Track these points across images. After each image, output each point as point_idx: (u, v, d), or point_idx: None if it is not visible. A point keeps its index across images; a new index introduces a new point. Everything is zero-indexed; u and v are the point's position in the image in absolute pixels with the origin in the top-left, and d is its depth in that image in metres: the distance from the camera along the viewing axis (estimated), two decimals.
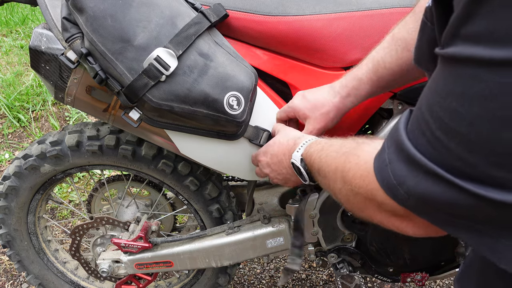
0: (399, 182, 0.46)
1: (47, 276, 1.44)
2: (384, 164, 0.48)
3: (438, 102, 0.41)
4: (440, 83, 0.41)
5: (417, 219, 0.49)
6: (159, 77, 0.81)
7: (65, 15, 0.83)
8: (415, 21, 0.74)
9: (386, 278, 1.21)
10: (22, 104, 2.55)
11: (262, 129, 0.95)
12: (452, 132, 0.40)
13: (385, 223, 0.54)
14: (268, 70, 0.97)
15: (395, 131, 0.48)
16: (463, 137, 0.39)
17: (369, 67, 0.80)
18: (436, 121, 0.41)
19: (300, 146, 0.77)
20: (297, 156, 0.76)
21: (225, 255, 1.20)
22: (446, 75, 0.41)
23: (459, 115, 0.39)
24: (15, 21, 3.51)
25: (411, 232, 0.52)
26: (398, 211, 0.50)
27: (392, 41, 0.78)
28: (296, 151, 0.77)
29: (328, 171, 0.63)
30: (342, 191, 0.59)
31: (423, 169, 0.43)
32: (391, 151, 0.48)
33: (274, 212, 1.20)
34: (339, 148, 0.63)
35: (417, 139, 0.44)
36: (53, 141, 1.15)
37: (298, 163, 0.76)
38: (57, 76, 0.97)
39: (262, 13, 0.93)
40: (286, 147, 0.82)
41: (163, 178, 1.18)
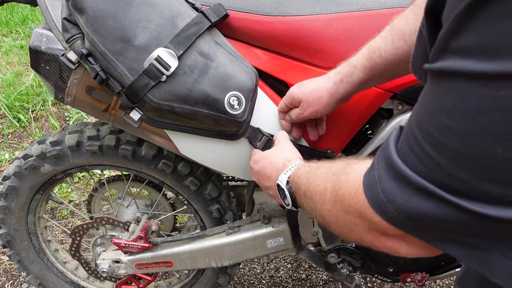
0: (388, 200, 0.45)
1: (47, 276, 1.44)
2: (374, 181, 0.48)
3: (428, 117, 0.40)
4: (429, 99, 0.41)
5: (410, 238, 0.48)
6: (159, 77, 0.81)
7: (66, 16, 0.83)
8: (414, 13, 0.73)
9: (386, 278, 1.21)
10: (22, 104, 2.55)
11: (262, 133, 0.95)
12: (442, 148, 0.39)
13: (376, 245, 0.53)
14: (268, 70, 0.97)
15: (385, 148, 0.48)
16: (454, 152, 0.38)
17: (364, 54, 0.80)
18: (426, 137, 0.41)
19: (288, 169, 0.77)
20: (284, 178, 0.76)
21: (225, 255, 1.20)
22: (435, 90, 0.40)
23: (450, 130, 0.38)
24: (15, 21, 3.51)
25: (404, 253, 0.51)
26: (389, 231, 0.48)
27: (390, 31, 0.77)
28: (284, 173, 0.77)
29: (315, 193, 0.62)
30: (331, 212, 0.58)
31: (414, 186, 0.42)
32: (381, 167, 0.47)
33: (274, 212, 1.20)
34: (329, 169, 0.62)
35: (406, 156, 0.44)
36: (53, 141, 1.15)
37: (284, 185, 0.76)
38: (57, 76, 0.97)
39: (262, 13, 0.93)
40: (276, 166, 0.82)
41: (163, 178, 1.18)
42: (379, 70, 0.79)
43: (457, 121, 0.37)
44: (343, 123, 0.97)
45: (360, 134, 1.04)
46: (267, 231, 1.17)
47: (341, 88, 0.84)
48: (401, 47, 0.75)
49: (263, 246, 1.18)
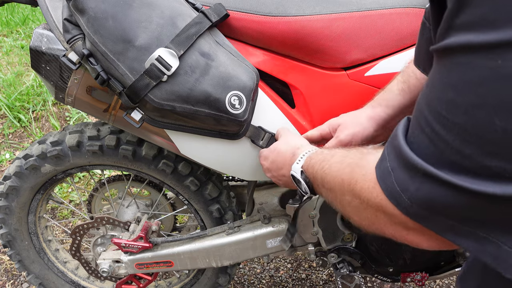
0: (402, 189, 0.46)
1: (47, 275, 1.44)
2: (387, 172, 0.48)
3: (437, 96, 0.42)
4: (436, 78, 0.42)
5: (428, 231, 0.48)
6: (160, 77, 0.81)
7: (67, 17, 0.83)
8: None
9: (386, 278, 1.22)
10: (23, 104, 2.55)
11: (264, 130, 0.95)
12: (449, 124, 0.40)
13: (398, 237, 0.53)
14: (268, 70, 0.97)
15: (394, 137, 0.49)
16: (460, 127, 0.39)
17: (399, 79, 0.82)
18: (435, 115, 0.42)
19: (300, 158, 0.76)
20: (297, 168, 0.75)
21: (225, 255, 1.20)
22: (441, 69, 0.41)
23: (456, 105, 0.39)
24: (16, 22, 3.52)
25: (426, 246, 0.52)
26: (409, 224, 0.49)
27: None
28: (296, 163, 0.76)
29: (334, 184, 0.62)
30: (352, 204, 0.58)
31: (421, 172, 0.43)
32: (392, 158, 0.48)
33: (274, 212, 1.20)
34: (342, 158, 0.62)
35: (417, 139, 0.45)
36: (53, 141, 1.15)
37: (299, 175, 0.75)
38: (57, 76, 0.97)
39: (262, 13, 0.93)
40: (286, 156, 0.82)
41: (164, 178, 1.18)
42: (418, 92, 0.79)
43: (461, 95, 0.39)
44: None
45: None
46: (267, 231, 1.17)
47: (380, 111, 0.84)
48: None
49: (263, 246, 1.18)
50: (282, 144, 0.85)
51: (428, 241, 0.51)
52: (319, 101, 0.97)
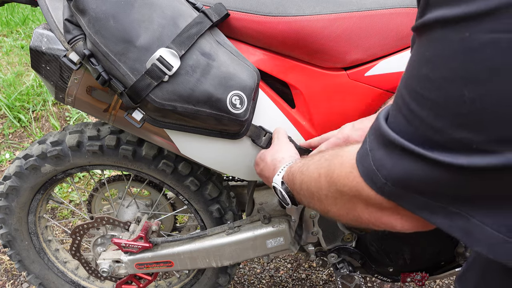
0: (377, 167, 0.48)
1: (47, 275, 1.44)
2: (365, 153, 0.50)
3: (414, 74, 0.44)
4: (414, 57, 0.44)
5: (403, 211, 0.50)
6: (162, 78, 0.81)
7: (67, 17, 0.83)
8: None
9: (386, 278, 1.22)
10: (23, 104, 2.55)
11: (264, 130, 0.95)
12: (423, 101, 0.42)
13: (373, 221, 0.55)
14: (268, 70, 0.97)
15: (376, 120, 0.51)
16: (433, 102, 0.41)
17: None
18: (411, 93, 0.44)
19: (281, 169, 0.78)
20: (278, 179, 0.78)
21: (225, 255, 1.20)
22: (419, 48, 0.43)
23: (429, 80, 0.41)
24: (16, 22, 3.52)
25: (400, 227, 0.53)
26: (384, 204, 0.51)
27: None
28: (277, 175, 0.78)
29: (310, 182, 0.64)
30: (328, 196, 0.59)
31: (398, 148, 0.45)
32: (372, 139, 0.50)
33: (274, 212, 1.20)
34: (321, 157, 0.64)
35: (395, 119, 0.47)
36: (53, 141, 1.15)
37: (279, 186, 0.77)
38: (57, 76, 0.97)
39: (262, 13, 0.93)
40: (269, 168, 0.84)
41: (164, 178, 1.18)
42: None
43: (435, 69, 0.40)
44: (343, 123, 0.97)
45: None
46: (267, 231, 1.17)
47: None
48: None
49: (263, 246, 1.18)
50: (269, 155, 0.87)
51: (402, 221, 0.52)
52: (319, 101, 0.98)
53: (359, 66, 0.96)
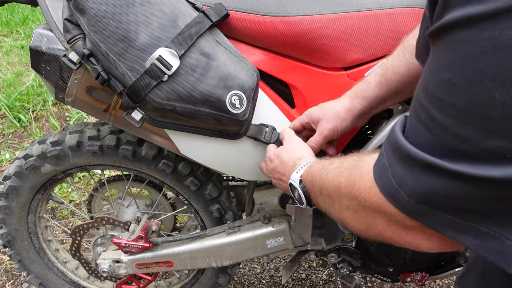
0: (399, 184, 0.45)
1: (47, 275, 1.44)
2: (384, 168, 0.48)
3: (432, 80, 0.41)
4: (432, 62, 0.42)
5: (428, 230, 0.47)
6: (161, 77, 0.81)
7: (67, 17, 0.83)
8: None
9: (386, 278, 1.22)
10: (23, 104, 2.55)
11: (264, 125, 0.95)
12: (446, 107, 0.39)
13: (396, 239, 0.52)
14: (268, 70, 0.97)
15: (391, 133, 0.48)
16: (457, 108, 0.38)
17: (378, 72, 0.82)
18: (432, 100, 0.41)
19: (300, 167, 0.77)
20: (296, 177, 0.76)
21: (225, 255, 1.20)
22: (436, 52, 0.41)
23: (452, 85, 0.38)
24: (16, 22, 3.52)
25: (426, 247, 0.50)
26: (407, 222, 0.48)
27: (402, 48, 0.79)
28: (296, 172, 0.77)
29: (331, 189, 0.61)
30: (349, 208, 0.57)
31: (419, 163, 0.42)
32: (389, 153, 0.47)
33: (274, 212, 1.20)
34: (341, 164, 0.62)
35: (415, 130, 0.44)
36: (53, 141, 1.15)
37: (297, 184, 0.75)
38: (57, 76, 0.97)
39: (262, 13, 0.93)
40: (288, 164, 0.82)
41: (164, 178, 1.18)
42: (395, 86, 0.80)
43: (458, 72, 0.37)
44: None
45: (360, 134, 1.04)
46: (267, 231, 1.17)
47: (357, 103, 0.85)
48: (414, 62, 0.76)
49: (263, 246, 1.18)
50: (286, 153, 0.85)
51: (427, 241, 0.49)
52: (319, 101, 0.97)
53: (359, 66, 0.96)
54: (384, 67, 0.81)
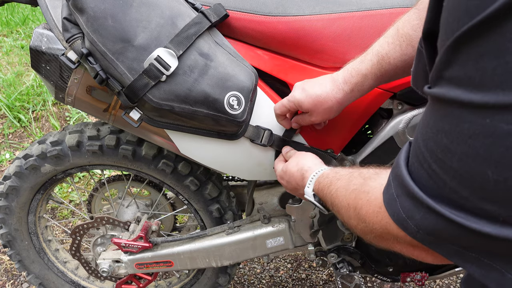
0: (407, 216, 0.47)
1: (47, 275, 1.44)
2: (393, 198, 0.49)
3: (432, 137, 0.43)
4: (431, 120, 0.43)
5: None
6: (159, 77, 0.81)
7: (66, 16, 0.83)
8: (419, 18, 0.74)
9: (386, 278, 1.22)
10: (23, 104, 2.55)
11: (263, 129, 0.95)
12: (446, 167, 0.41)
13: (405, 253, 0.55)
14: (268, 70, 0.97)
15: (396, 166, 0.50)
16: (455, 171, 0.40)
17: (374, 63, 0.79)
18: (432, 155, 0.43)
19: (309, 181, 0.78)
20: (309, 192, 0.78)
21: (225, 255, 1.20)
22: (435, 113, 0.42)
23: (450, 151, 0.40)
24: (16, 22, 3.52)
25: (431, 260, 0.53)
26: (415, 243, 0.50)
27: (397, 37, 0.77)
28: (307, 187, 0.78)
29: (341, 207, 0.64)
30: (358, 227, 0.60)
31: (425, 206, 0.44)
32: (395, 185, 0.49)
33: (274, 212, 1.20)
34: (347, 184, 0.64)
35: (417, 171, 0.46)
36: (53, 141, 1.15)
37: (312, 199, 0.77)
38: (57, 76, 0.97)
39: (262, 13, 0.93)
40: (296, 178, 0.84)
41: (163, 178, 1.18)
42: (388, 76, 0.80)
43: (454, 143, 0.40)
44: (343, 123, 0.97)
45: (360, 134, 1.04)
46: (267, 231, 1.17)
47: (351, 97, 0.84)
48: (409, 52, 0.75)
49: (263, 246, 1.18)
50: (292, 166, 0.86)
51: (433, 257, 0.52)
52: None
53: None
54: (380, 57, 0.79)
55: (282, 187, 1.17)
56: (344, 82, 0.82)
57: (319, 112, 0.86)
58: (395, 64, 0.78)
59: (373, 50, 0.80)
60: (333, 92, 0.83)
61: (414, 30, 0.74)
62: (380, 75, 0.80)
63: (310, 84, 0.86)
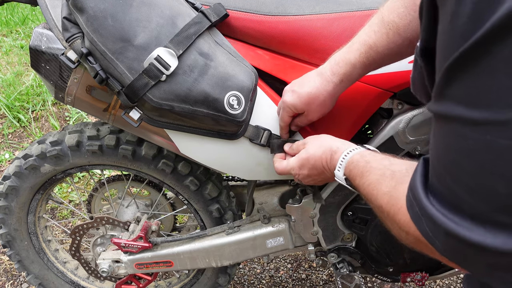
0: (434, 235, 0.47)
1: (47, 276, 1.44)
2: (418, 217, 0.49)
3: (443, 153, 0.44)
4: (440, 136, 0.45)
5: None
6: (159, 77, 0.81)
7: (66, 15, 0.83)
8: (404, 6, 0.74)
9: (386, 278, 1.21)
10: (22, 104, 2.55)
11: (262, 128, 0.95)
12: (459, 182, 0.42)
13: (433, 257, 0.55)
14: (268, 70, 0.97)
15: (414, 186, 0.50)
16: (468, 186, 0.41)
17: (362, 52, 0.79)
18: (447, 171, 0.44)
19: (340, 164, 0.75)
20: (340, 176, 0.76)
21: (225, 255, 1.20)
22: (441, 130, 0.44)
23: (460, 166, 0.42)
24: (15, 21, 3.52)
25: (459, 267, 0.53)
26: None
27: (382, 24, 0.77)
28: (337, 170, 0.76)
29: (374, 206, 0.64)
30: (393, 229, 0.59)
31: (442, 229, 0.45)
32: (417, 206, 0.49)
33: (274, 212, 1.20)
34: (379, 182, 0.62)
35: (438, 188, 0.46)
36: (53, 141, 1.15)
37: (344, 183, 0.76)
38: (57, 75, 0.97)
39: (262, 13, 0.93)
40: (324, 159, 0.80)
41: (163, 178, 1.18)
42: (375, 64, 0.80)
43: (463, 158, 0.41)
44: (343, 123, 0.97)
45: (360, 134, 1.04)
46: (267, 231, 1.17)
47: (342, 88, 0.84)
48: (396, 40, 0.76)
49: (263, 246, 1.18)
50: (316, 149, 0.83)
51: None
52: None
53: None
54: (367, 46, 0.78)
55: (282, 187, 1.17)
56: (333, 74, 0.82)
57: (314, 109, 0.86)
58: (382, 53, 0.78)
59: (360, 39, 0.80)
60: (323, 86, 0.83)
61: (400, 18, 0.74)
62: (368, 63, 0.80)
63: (298, 84, 0.86)
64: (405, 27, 0.74)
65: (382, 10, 0.78)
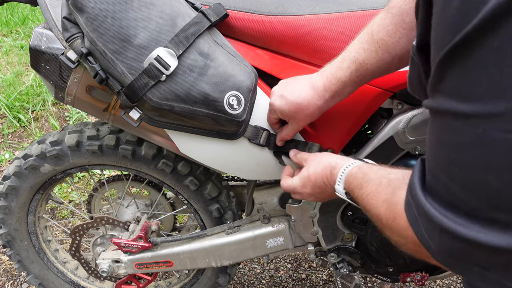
0: (429, 237, 0.47)
1: (47, 276, 1.44)
2: (415, 217, 0.50)
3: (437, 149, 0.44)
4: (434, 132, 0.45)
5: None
6: (159, 77, 0.81)
7: (66, 15, 0.83)
8: (393, 23, 0.75)
9: (386, 278, 1.21)
10: (22, 104, 2.55)
11: (261, 129, 0.95)
12: (452, 177, 0.42)
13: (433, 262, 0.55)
14: (268, 70, 0.97)
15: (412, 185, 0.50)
16: (461, 181, 0.41)
17: (352, 70, 0.80)
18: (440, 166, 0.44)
19: (339, 178, 0.76)
20: (341, 191, 0.76)
21: (225, 255, 1.20)
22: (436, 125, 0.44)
23: (453, 161, 0.42)
24: (15, 21, 3.51)
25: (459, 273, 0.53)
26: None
27: (372, 42, 0.78)
28: (337, 184, 0.76)
29: (373, 215, 0.64)
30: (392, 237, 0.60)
31: (438, 226, 0.45)
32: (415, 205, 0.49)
33: (274, 212, 1.20)
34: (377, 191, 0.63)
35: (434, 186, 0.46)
36: (53, 141, 1.15)
37: (345, 197, 0.76)
38: (57, 75, 0.97)
39: (262, 13, 0.93)
40: (324, 176, 0.81)
41: (163, 178, 1.18)
42: (365, 80, 0.82)
43: (456, 153, 0.41)
44: (342, 123, 0.97)
45: (360, 134, 1.04)
46: (267, 231, 1.17)
47: (332, 103, 0.86)
48: (385, 58, 0.77)
49: (263, 246, 1.18)
50: (316, 167, 0.84)
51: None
52: None
53: None
54: (357, 64, 0.79)
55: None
56: (325, 90, 0.84)
57: (300, 119, 0.87)
58: (372, 70, 0.79)
59: (350, 56, 0.81)
60: (314, 100, 0.84)
61: (390, 36, 0.75)
62: (359, 81, 0.81)
63: (289, 90, 0.86)
64: (394, 44, 0.75)
65: (371, 25, 0.79)
